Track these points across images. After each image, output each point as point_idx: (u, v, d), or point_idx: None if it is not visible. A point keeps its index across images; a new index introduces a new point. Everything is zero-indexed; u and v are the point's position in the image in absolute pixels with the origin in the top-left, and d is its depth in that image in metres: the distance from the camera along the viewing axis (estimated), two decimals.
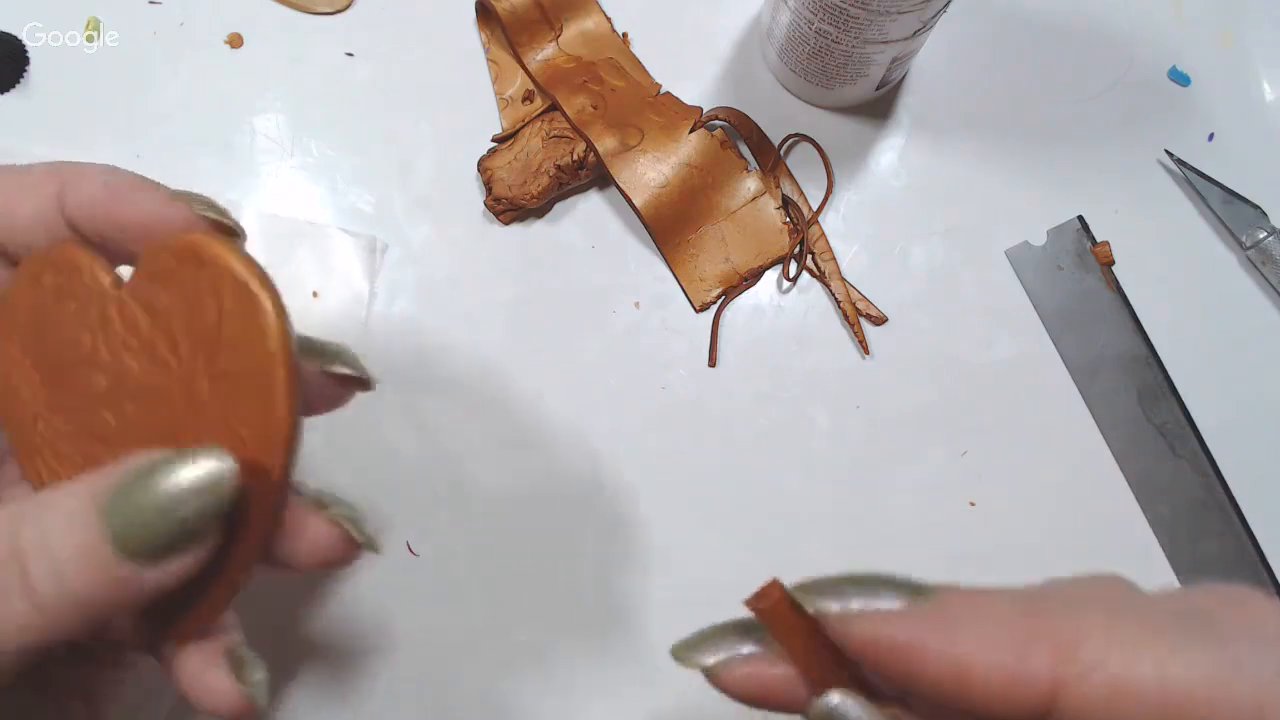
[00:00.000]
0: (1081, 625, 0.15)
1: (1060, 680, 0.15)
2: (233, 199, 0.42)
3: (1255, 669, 0.14)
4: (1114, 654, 0.15)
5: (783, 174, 0.42)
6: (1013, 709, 0.15)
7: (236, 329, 0.21)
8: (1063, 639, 0.15)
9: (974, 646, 0.15)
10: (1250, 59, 0.44)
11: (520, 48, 0.42)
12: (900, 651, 0.16)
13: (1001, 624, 0.16)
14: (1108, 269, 0.42)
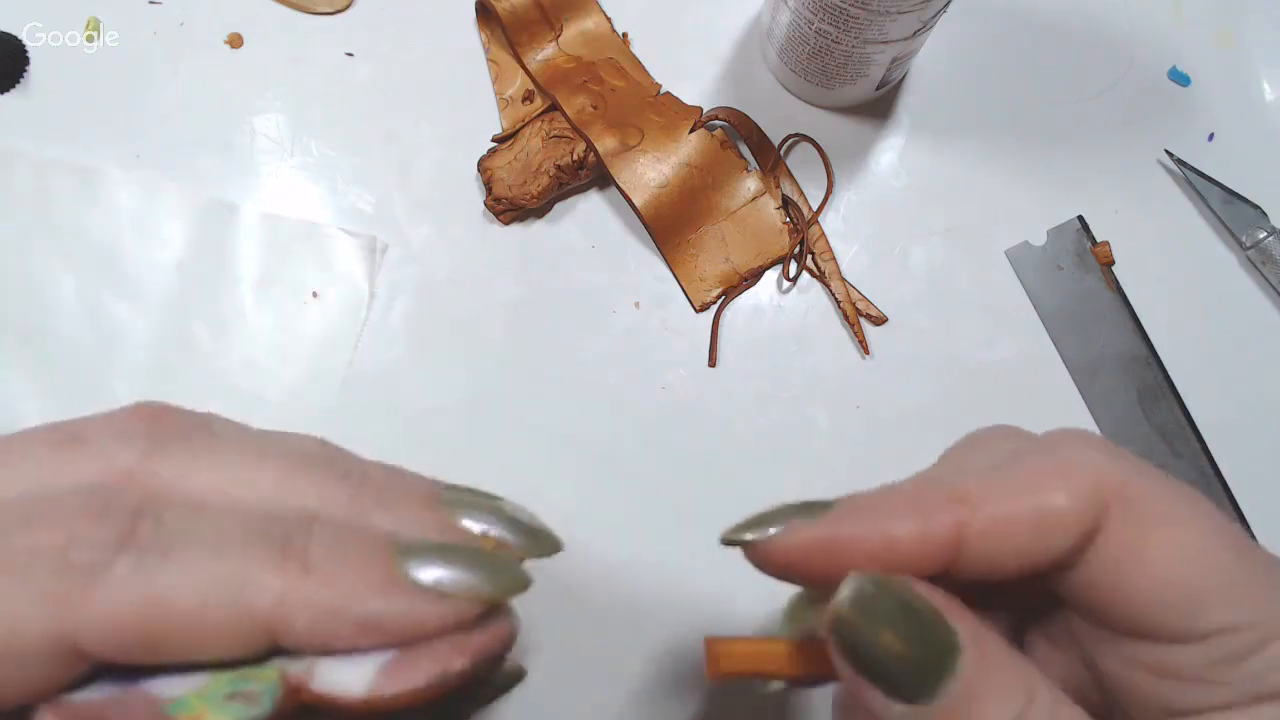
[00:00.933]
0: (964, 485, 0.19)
1: (959, 521, 0.19)
2: (233, 199, 0.42)
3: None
4: (991, 499, 0.19)
5: (783, 174, 0.42)
6: (932, 555, 0.19)
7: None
8: (952, 494, 0.19)
9: (884, 519, 0.19)
10: (1250, 59, 0.44)
11: (520, 48, 0.43)
12: (828, 545, 0.19)
13: (905, 498, 0.19)
14: (1108, 269, 0.42)
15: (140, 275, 0.41)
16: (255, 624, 0.15)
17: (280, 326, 0.40)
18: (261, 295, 0.41)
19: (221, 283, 0.41)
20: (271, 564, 0.16)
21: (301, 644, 0.16)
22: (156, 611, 0.15)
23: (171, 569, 0.15)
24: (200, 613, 0.15)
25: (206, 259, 0.41)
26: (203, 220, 0.41)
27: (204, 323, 0.40)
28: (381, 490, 0.18)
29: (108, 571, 0.15)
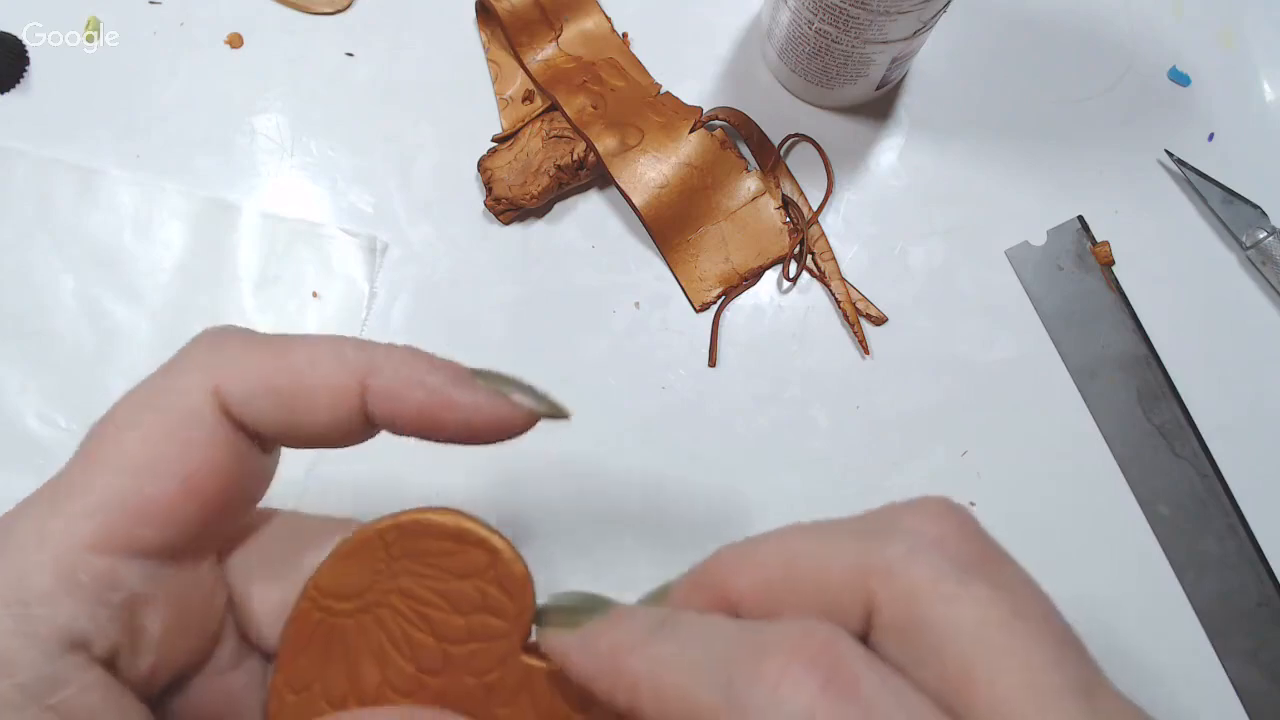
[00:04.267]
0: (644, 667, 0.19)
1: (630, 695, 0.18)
2: (233, 199, 0.42)
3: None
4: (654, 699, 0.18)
5: (783, 174, 0.42)
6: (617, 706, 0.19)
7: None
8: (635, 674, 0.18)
9: (591, 664, 0.19)
10: (1250, 59, 0.44)
11: (520, 48, 0.43)
12: (561, 657, 0.20)
13: (610, 648, 0.19)
14: (1108, 269, 0.42)
15: (140, 275, 0.41)
16: (351, 377, 0.21)
17: (280, 326, 0.40)
18: (261, 295, 0.41)
19: (221, 283, 0.41)
20: (364, 346, 0.21)
21: (384, 398, 0.21)
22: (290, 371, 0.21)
23: (297, 347, 0.21)
24: (313, 370, 0.21)
25: (206, 259, 0.41)
26: (203, 220, 0.41)
27: (204, 323, 0.40)
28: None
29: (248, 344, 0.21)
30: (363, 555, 0.22)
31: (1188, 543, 0.40)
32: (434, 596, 0.21)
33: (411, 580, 0.21)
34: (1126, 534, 0.40)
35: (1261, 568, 0.39)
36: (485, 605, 0.21)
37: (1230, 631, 0.39)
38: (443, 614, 0.21)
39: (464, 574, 0.21)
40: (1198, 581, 0.40)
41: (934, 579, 0.17)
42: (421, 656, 0.21)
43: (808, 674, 0.16)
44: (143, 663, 0.21)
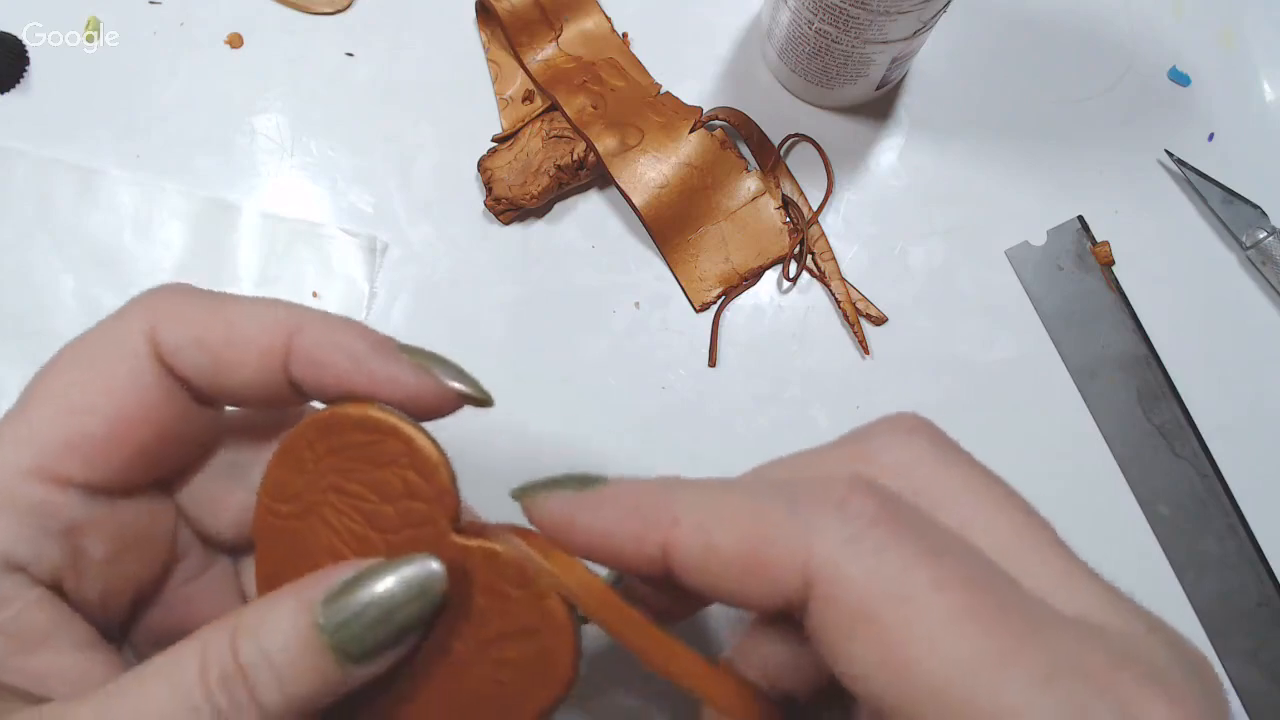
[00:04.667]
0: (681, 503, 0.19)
1: (665, 542, 0.19)
2: (233, 199, 0.42)
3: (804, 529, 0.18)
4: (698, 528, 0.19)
5: (783, 174, 0.42)
6: (641, 560, 0.19)
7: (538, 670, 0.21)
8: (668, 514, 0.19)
9: (610, 519, 0.20)
10: (1250, 59, 0.44)
11: (520, 48, 0.43)
12: (563, 527, 0.20)
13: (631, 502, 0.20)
14: (1108, 269, 0.42)
15: (140, 275, 0.41)
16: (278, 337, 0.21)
17: None
18: (261, 295, 0.41)
19: (221, 283, 0.41)
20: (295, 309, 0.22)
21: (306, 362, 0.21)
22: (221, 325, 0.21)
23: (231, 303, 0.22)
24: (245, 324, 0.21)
25: (206, 259, 0.41)
26: (203, 220, 0.41)
27: None
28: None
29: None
30: (291, 458, 0.22)
31: (1188, 543, 0.40)
32: (362, 489, 0.22)
33: (339, 476, 0.22)
34: (1126, 534, 0.40)
35: (1261, 568, 0.39)
36: (408, 492, 0.21)
37: (1230, 631, 0.39)
38: (373, 505, 0.21)
39: (383, 463, 0.21)
40: (1198, 581, 0.40)
41: (926, 452, 0.20)
42: (365, 549, 0.22)
43: (869, 495, 0.18)
44: (91, 588, 0.21)
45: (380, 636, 0.20)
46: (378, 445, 0.21)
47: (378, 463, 0.21)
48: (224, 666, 0.19)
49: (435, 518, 0.21)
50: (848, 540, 0.17)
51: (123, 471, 0.21)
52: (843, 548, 0.17)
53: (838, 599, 0.17)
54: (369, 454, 0.21)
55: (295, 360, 0.21)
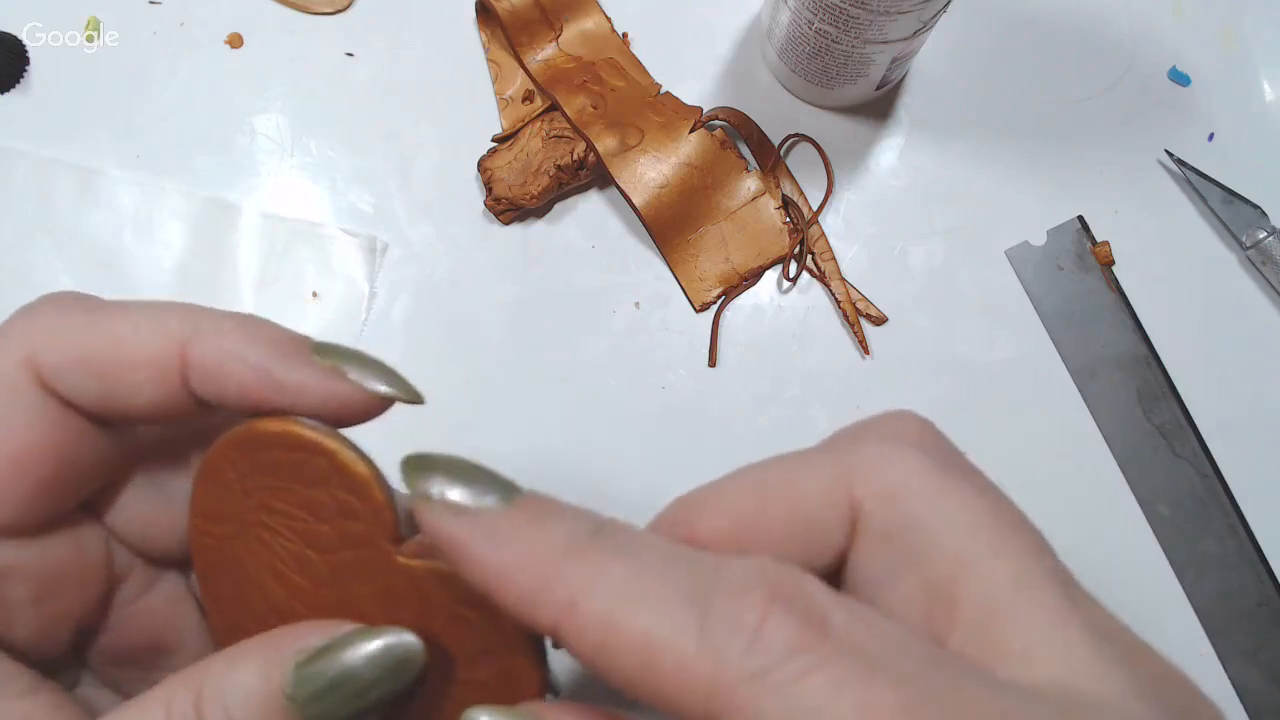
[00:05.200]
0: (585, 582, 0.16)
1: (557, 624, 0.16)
2: (233, 199, 0.42)
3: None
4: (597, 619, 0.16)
5: (783, 174, 0.42)
6: (533, 625, 0.16)
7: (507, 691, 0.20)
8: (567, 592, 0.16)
9: (504, 564, 0.16)
10: (1250, 59, 0.44)
11: (520, 48, 0.42)
12: (455, 548, 0.17)
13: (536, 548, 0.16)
14: (1108, 269, 0.42)
15: (140, 275, 0.41)
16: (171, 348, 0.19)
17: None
18: (261, 295, 0.41)
19: (221, 283, 0.41)
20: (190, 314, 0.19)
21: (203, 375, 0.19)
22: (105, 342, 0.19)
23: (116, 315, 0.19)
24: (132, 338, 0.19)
25: (206, 259, 0.41)
26: (203, 220, 0.41)
27: None
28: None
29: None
30: (215, 478, 0.20)
31: (1188, 543, 0.40)
32: (295, 509, 0.20)
33: (267, 495, 0.20)
34: (1126, 534, 0.40)
35: (1261, 568, 0.39)
36: (342, 511, 0.20)
37: (1230, 631, 0.39)
38: (309, 525, 0.20)
39: (312, 482, 0.20)
40: (1198, 581, 0.40)
41: (920, 473, 0.17)
42: (309, 570, 0.20)
43: (787, 613, 0.15)
44: (21, 632, 0.20)
45: (352, 711, 0.18)
46: (303, 463, 0.20)
47: (306, 481, 0.20)
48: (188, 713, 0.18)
49: (374, 538, 0.20)
50: (757, 674, 0.15)
51: (27, 510, 0.19)
52: (751, 683, 0.15)
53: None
54: (296, 473, 0.20)
55: (193, 374, 0.19)
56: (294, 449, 0.20)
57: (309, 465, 0.20)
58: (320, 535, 0.20)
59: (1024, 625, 0.16)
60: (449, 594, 0.19)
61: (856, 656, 0.15)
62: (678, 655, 0.15)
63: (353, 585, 0.20)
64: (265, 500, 0.20)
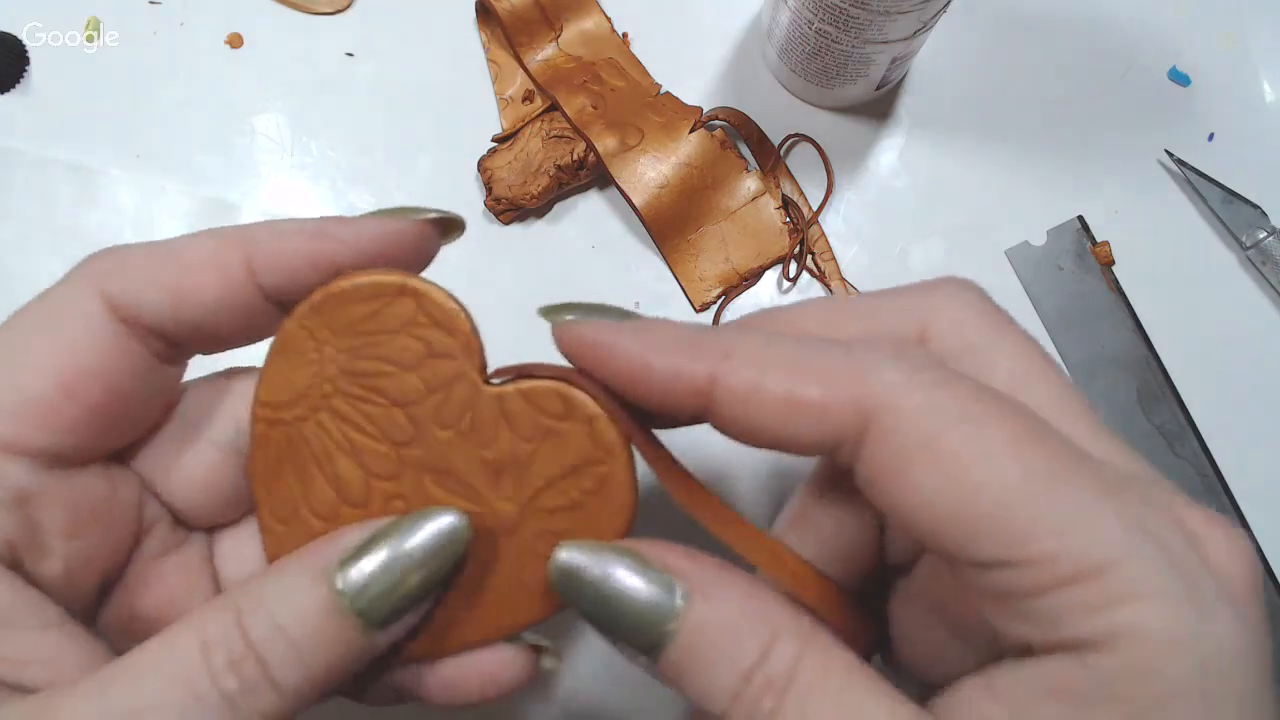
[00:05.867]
0: (733, 341, 0.19)
1: (714, 374, 0.19)
2: (233, 199, 0.42)
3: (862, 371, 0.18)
4: (751, 364, 0.19)
5: (783, 174, 0.42)
6: (681, 394, 0.19)
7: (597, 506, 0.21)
8: (720, 348, 0.19)
9: (655, 346, 0.19)
10: (1250, 59, 0.44)
11: (520, 48, 0.43)
12: (601, 349, 0.19)
13: (679, 334, 0.19)
14: (1108, 269, 0.42)
15: None
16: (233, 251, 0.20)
17: None
18: None
19: None
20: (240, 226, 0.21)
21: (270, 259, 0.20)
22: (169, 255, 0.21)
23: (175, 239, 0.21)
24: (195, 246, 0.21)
25: None
26: (203, 220, 0.41)
27: None
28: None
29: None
30: (291, 352, 0.21)
31: None
32: (377, 364, 0.20)
33: (349, 357, 0.20)
34: None
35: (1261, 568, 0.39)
36: (430, 351, 0.20)
37: None
38: (392, 378, 0.20)
39: (397, 328, 0.20)
40: None
41: (982, 311, 0.20)
42: (389, 431, 0.20)
43: (921, 347, 0.19)
44: (52, 566, 0.20)
45: (404, 596, 0.19)
46: (387, 310, 0.20)
47: (392, 328, 0.20)
48: (230, 646, 0.18)
49: (464, 371, 0.20)
50: (907, 377, 0.18)
51: (76, 434, 0.20)
52: (902, 383, 0.18)
53: (897, 429, 0.18)
54: (381, 322, 0.20)
55: (259, 268, 0.20)
56: (377, 297, 0.20)
57: (394, 310, 0.20)
58: (405, 386, 0.20)
59: (1071, 433, 0.18)
60: (540, 409, 0.20)
61: (981, 385, 0.18)
62: (830, 367, 0.18)
63: (435, 432, 0.20)
64: (346, 364, 0.20)
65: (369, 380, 0.20)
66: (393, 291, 0.20)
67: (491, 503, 0.20)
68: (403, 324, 0.20)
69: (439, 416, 0.20)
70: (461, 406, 0.20)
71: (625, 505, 0.20)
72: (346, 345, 0.20)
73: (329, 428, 0.21)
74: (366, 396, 0.20)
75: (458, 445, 0.20)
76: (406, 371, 0.20)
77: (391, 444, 0.20)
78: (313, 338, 0.20)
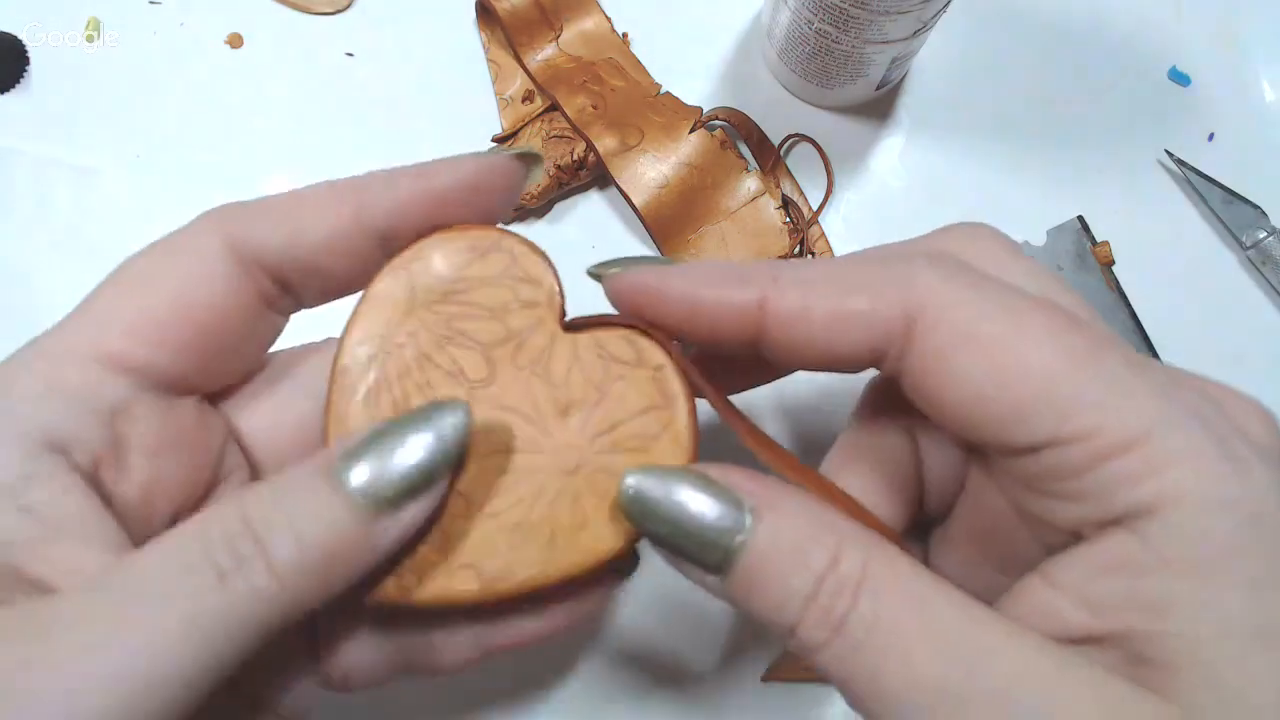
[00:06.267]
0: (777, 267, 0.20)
1: (764, 297, 0.20)
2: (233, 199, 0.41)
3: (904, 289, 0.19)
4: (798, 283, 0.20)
5: (783, 174, 0.42)
6: (733, 321, 0.20)
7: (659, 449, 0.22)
8: (766, 274, 0.20)
9: (703, 281, 0.20)
10: (1250, 59, 0.44)
11: (520, 48, 0.43)
12: (651, 291, 0.21)
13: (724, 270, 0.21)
14: (1108, 269, 0.42)
15: None
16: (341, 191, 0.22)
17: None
18: None
19: None
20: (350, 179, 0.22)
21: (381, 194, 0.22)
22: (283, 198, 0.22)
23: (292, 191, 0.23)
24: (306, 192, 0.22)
25: None
26: None
27: None
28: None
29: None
30: (382, 298, 0.22)
31: None
32: (464, 308, 0.22)
33: (439, 300, 0.22)
34: None
35: None
36: (517, 299, 0.22)
37: None
38: (477, 321, 0.22)
39: (490, 279, 0.22)
40: None
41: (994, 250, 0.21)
42: (468, 369, 0.22)
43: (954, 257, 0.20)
44: (130, 485, 0.21)
45: (401, 480, 0.19)
46: (481, 260, 0.22)
47: (484, 279, 0.22)
48: (227, 523, 0.18)
49: (544, 318, 0.22)
50: (946, 278, 0.19)
51: (180, 358, 0.21)
52: (943, 283, 0.19)
53: (942, 323, 0.19)
54: (473, 273, 0.22)
55: (369, 205, 0.22)
56: (476, 249, 0.22)
57: (489, 261, 0.22)
58: (490, 330, 0.22)
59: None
60: (611, 355, 0.22)
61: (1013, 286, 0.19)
62: (873, 277, 0.19)
63: (514, 373, 0.22)
64: (435, 308, 0.22)
65: (456, 321, 0.22)
66: (488, 245, 0.22)
67: (556, 440, 0.21)
68: (497, 274, 0.22)
69: (516, 358, 0.22)
70: (539, 350, 0.22)
71: (687, 449, 0.22)
72: (439, 289, 0.22)
73: (409, 364, 0.22)
74: (450, 336, 0.22)
75: (531, 384, 0.22)
76: (492, 317, 0.22)
77: (467, 382, 0.22)
78: (409, 282, 0.22)
